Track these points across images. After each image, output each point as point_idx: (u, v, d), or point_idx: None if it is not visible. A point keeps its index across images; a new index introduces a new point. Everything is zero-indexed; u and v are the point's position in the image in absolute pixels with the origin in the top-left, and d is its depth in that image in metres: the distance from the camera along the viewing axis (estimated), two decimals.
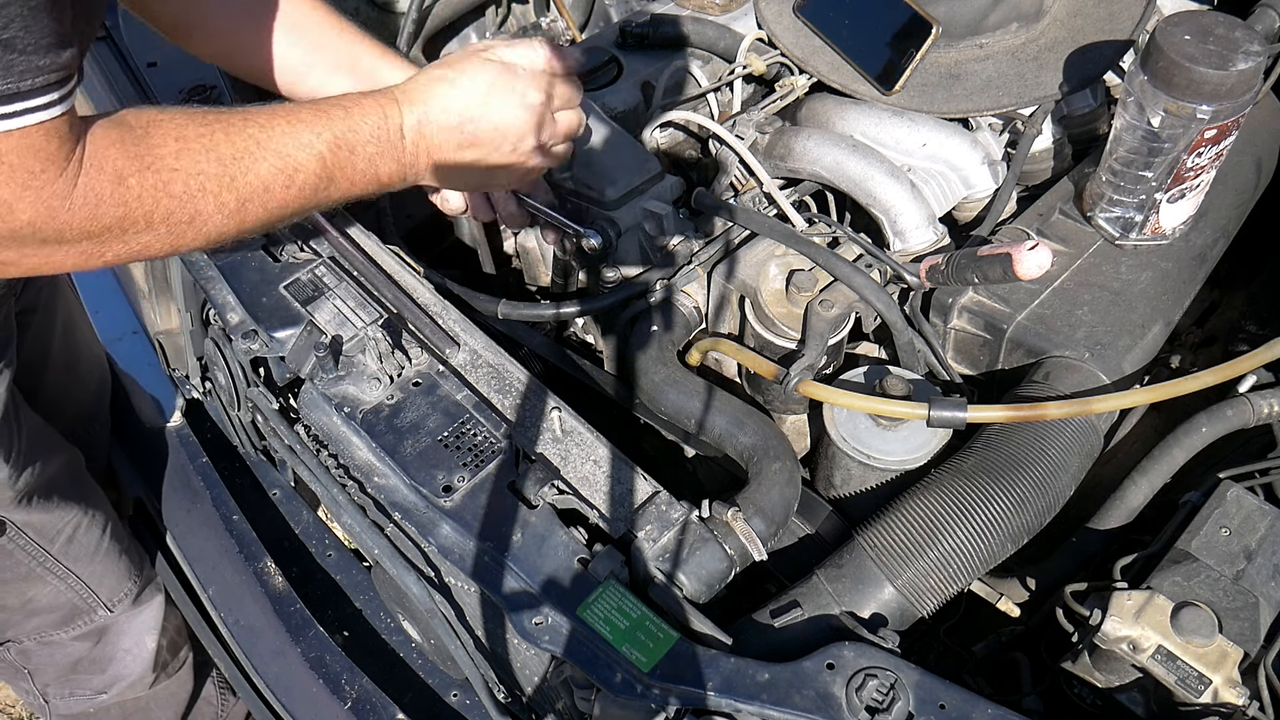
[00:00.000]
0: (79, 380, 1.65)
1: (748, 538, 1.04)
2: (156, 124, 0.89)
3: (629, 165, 1.35)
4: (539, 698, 1.13)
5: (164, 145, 0.88)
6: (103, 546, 1.45)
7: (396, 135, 1.02)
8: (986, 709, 0.90)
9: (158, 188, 0.87)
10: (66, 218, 0.83)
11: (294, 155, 0.95)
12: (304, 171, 0.95)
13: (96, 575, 1.45)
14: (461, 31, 1.83)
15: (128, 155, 0.86)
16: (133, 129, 0.88)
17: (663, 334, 1.28)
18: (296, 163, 0.95)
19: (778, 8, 1.59)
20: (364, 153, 1.00)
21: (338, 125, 0.98)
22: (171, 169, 0.88)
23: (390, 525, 1.12)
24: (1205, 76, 1.13)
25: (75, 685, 1.57)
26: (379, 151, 1.01)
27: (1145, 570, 1.04)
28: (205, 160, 0.89)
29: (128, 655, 1.57)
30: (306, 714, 1.34)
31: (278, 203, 0.95)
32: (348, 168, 0.99)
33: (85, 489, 1.45)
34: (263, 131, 0.93)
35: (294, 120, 0.96)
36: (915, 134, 1.41)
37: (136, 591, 1.53)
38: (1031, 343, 1.24)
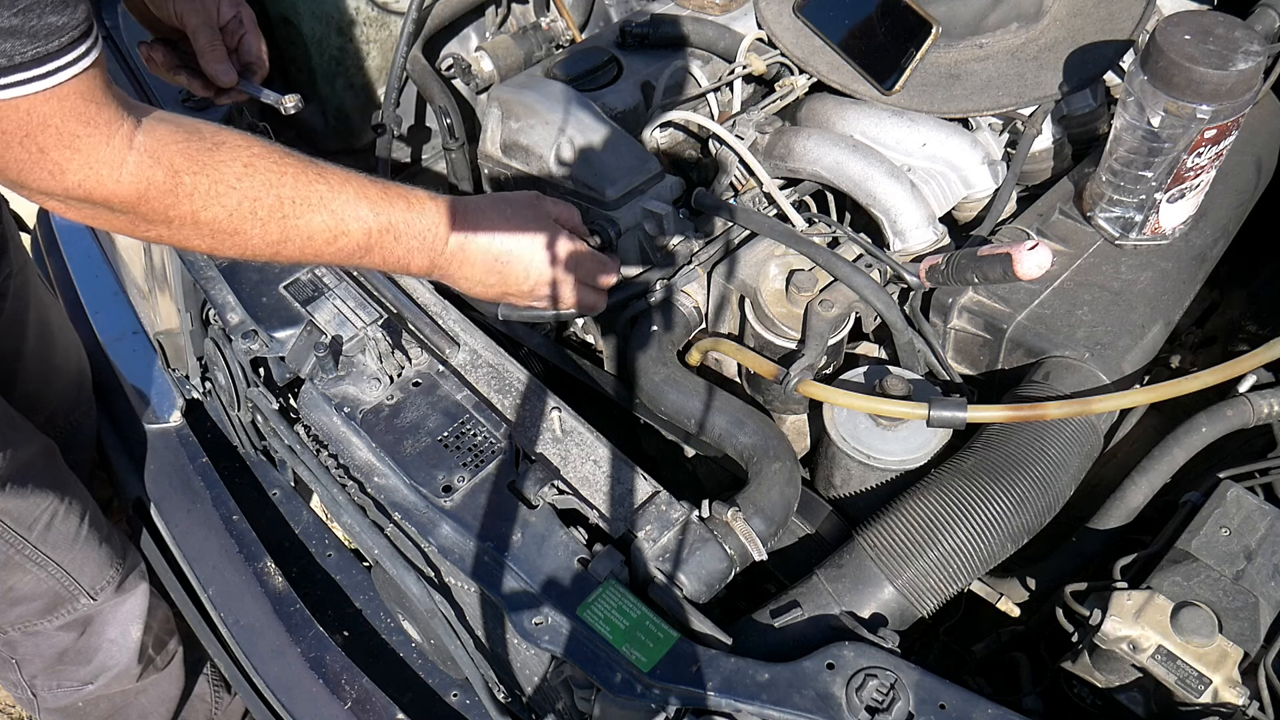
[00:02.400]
0: (56, 370, 1.66)
1: (748, 538, 1.04)
2: (230, 145, 0.95)
3: (629, 165, 1.35)
4: (539, 698, 1.13)
5: (230, 164, 0.94)
6: (82, 534, 1.45)
7: (440, 243, 1.09)
8: (986, 709, 0.90)
9: (211, 195, 0.93)
10: (114, 188, 0.88)
11: (346, 221, 1.01)
12: (349, 237, 1.02)
13: (77, 563, 1.46)
14: (461, 31, 1.83)
15: (188, 157, 0.91)
16: (203, 137, 0.93)
17: (663, 334, 1.28)
18: (346, 228, 1.01)
19: (778, 8, 1.59)
20: (406, 244, 1.06)
21: (396, 214, 1.04)
22: (230, 186, 0.94)
23: (390, 525, 1.12)
24: (1205, 76, 1.13)
25: (62, 676, 1.57)
26: (420, 247, 1.07)
27: (1145, 570, 1.04)
28: (265, 192, 0.95)
29: (113, 645, 1.57)
30: (306, 714, 1.34)
31: (314, 252, 1.02)
32: (387, 250, 1.05)
33: (62, 477, 1.46)
34: (330, 190, 1.00)
35: (360, 193, 1.02)
36: (915, 134, 1.41)
37: (119, 579, 1.53)
38: (1031, 343, 1.24)
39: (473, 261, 1.12)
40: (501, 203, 1.16)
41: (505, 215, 1.14)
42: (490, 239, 1.13)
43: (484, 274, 1.13)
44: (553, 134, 1.38)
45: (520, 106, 1.42)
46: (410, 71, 1.64)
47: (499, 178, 1.50)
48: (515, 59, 1.77)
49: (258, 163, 0.96)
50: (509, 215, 1.15)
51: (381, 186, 1.05)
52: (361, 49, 1.73)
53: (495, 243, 1.13)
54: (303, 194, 0.98)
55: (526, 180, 1.44)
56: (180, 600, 1.55)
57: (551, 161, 1.38)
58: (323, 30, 1.67)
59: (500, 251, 1.13)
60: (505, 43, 1.78)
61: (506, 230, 1.14)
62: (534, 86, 1.45)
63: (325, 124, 1.79)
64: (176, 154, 0.91)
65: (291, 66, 1.72)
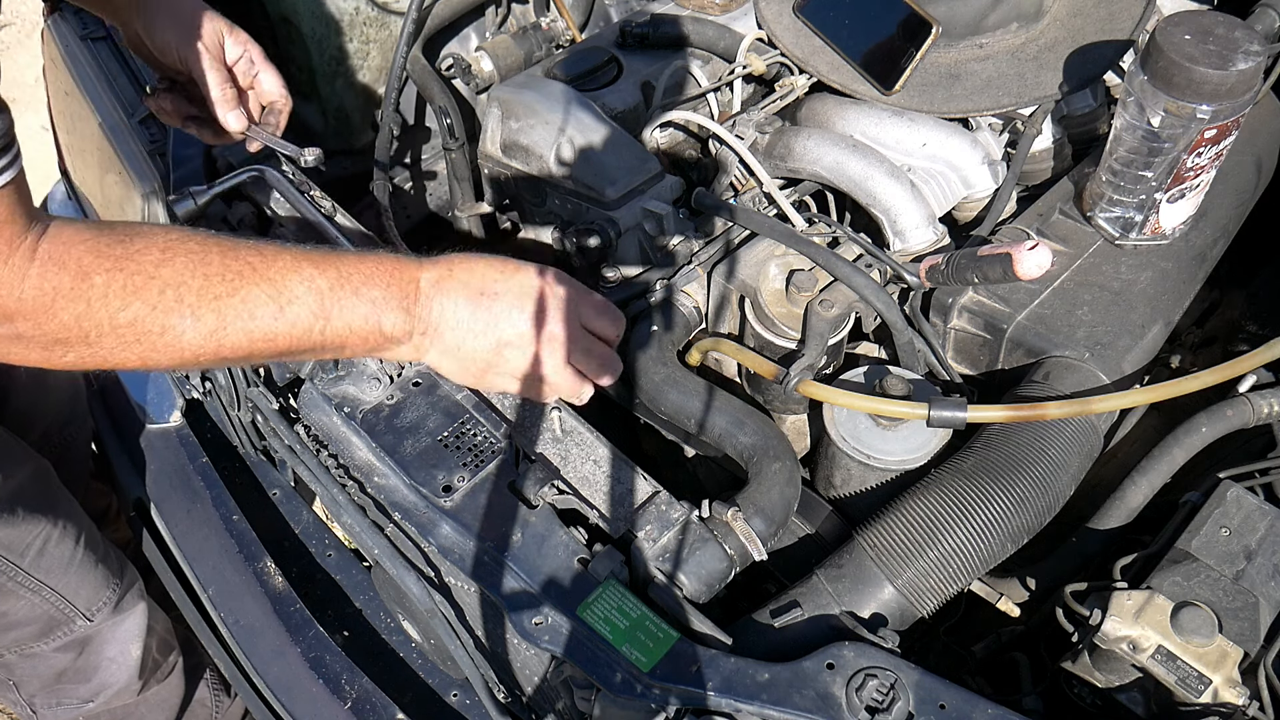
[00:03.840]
0: (50, 385, 1.64)
1: (748, 538, 1.04)
2: (146, 234, 0.86)
3: (629, 165, 1.35)
4: (539, 698, 1.13)
5: (147, 253, 0.84)
6: (77, 557, 1.43)
7: (411, 286, 0.96)
8: (986, 709, 0.90)
9: (127, 290, 0.82)
10: (15, 305, 0.79)
11: (290, 285, 0.89)
12: (298, 304, 0.89)
13: (71, 586, 1.44)
14: (461, 31, 1.83)
15: (97, 254, 0.82)
16: (114, 232, 0.84)
17: (663, 334, 1.28)
18: (292, 294, 0.89)
19: (778, 8, 1.59)
20: (368, 295, 0.93)
21: (347, 265, 0.93)
22: (149, 275, 0.83)
23: (390, 525, 1.12)
24: (1205, 76, 1.13)
25: (62, 695, 1.57)
26: (385, 298, 0.94)
27: (1145, 570, 1.04)
28: (190, 273, 0.85)
29: (113, 664, 1.56)
30: (306, 714, 1.34)
31: (263, 333, 0.89)
32: (349, 309, 0.92)
33: (55, 500, 1.44)
34: (262, 259, 0.89)
35: (300, 256, 0.91)
36: (915, 134, 1.41)
37: (116, 600, 1.52)
38: (1031, 343, 1.24)
39: (454, 299, 0.98)
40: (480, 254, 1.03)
41: (475, 255, 1.01)
42: (468, 268, 0.99)
43: (470, 319, 0.98)
44: (553, 134, 1.38)
45: (520, 106, 1.42)
46: (410, 71, 1.64)
47: (499, 178, 1.50)
48: (515, 59, 1.77)
49: (177, 246, 0.85)
50: (479, 256, 1.02)
51: (326, 249, 0.95)
52: (361, 49, 1.73)
53: (476, 271, 0.99)
54: (233, 268, 0.87)
55: (527, 180, 1.44)
56: (180, 600, 1.55)
57: (551, 161, 1.38)
58: (323, 30, 1.67)
59: (484, 283, 0.99)
60: (505, 43, 1.78)
61: (485, 263, 1.00)
62: (534, 86, 1.45)
63: (325, 124, 1.79)
64: (84, 253, 0.81)
65: (291, 66, 1.72)
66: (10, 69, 3.74)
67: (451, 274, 0.98)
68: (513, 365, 1.02)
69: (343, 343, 0.94)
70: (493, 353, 1.00)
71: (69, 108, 1.66)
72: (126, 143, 1.46)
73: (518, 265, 1.02)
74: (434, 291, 0.97)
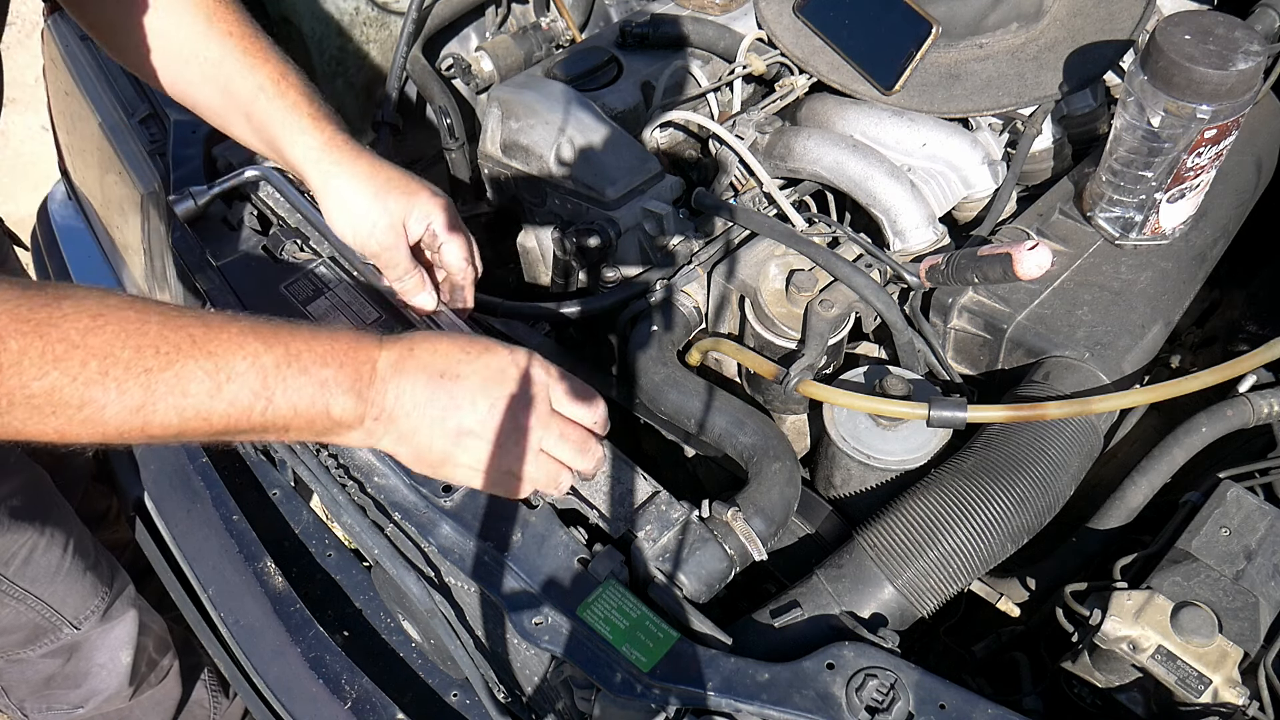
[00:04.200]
0: None
1: (748, 538, 1.04)
2: (77, 298, 0.78)
3: (629, 165, 1.35)
4: (539, 698, 1.13)
5: (74, 319, 0.76)
6: (64, 566, 1.43)
7: (367, 367, 0.88)
8: (986, 709, 0.90)
9: (46, 358, 0.74)
10: None
11: (232, 361, 0.81)
12: (238, 381, 0.81)
13: (59, 595, 1.43)
14: (461, 31, 1.83)
15: (16, 317, 0.74)
16: (42, 293, 0.77)
17: (663, 334, 1.28)
18: (232, 368, 0.81)
19: (778, 8, 1.59)
20: (317, 376, 0.85)
21: (297, 341, 0.85)
22: (73, 344, 0.75)
23: (390, 525, 1.12)
24: (1205, 76, 1.13)
25: (52, 700, 1.57)
26: (336, 378, 0.86)
27: (1145, 570, 1.04)
28: (120, 345, 0.77)
29: (103, 670, 1.56)
30: (306, 714, 1.34)
31: (197, 412, 0.81)
32: (295, 389, 0.84)
33: (45, 509, 1.43)
34: (206, 331, 0.81)
35: (248, 329, 0.83)
36: (915, 134, 1.41)
37: (104, 608, 1.51)
38: (1031, 343, 1.24)
39: (411, 382, 0.90)
40: (450, 333, 0.97)
41: (437, 336, 0.95)
42: (432, 349, 0.92)
43: (428, 402, 0.90)
44: (553, 134, 1.38)
45: (520, 106, 1.42)
46: (410, 71, 1.64)
47: (499, 178, 1.50)
48: (515, 59, 1.77)
49: (112, 314, 0.77)
50: (441, 337, 0.95)
51: (279, 322, 0.86)
52: (361, 49, 1.73)
53: (439, 352, 0.92)
54: (170, 340, 0.79)
55: (527, 180, 1.44)
56: (180, 600, 1.55)
57: (551, 161, 1.38)
58: (323, 30, 1.67)
59: (446, 364, 0.91)
60: (505, 43, 1.78)
61: (447, 343, 0.93)
62: (534, 86, 1.45)
63: None
64: (1, 314, 0.73)
65: None
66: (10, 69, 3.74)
67: (412, 353, 0.91)
68: (474, 456, 0.93)
69: (286, 424, 0.86)
70: (452, 442, 0.92)
71: (69, 108, 1.66)
72: (126, 143, 1.46)
73: (486, 345, 0.94)
74: (391, 374, 0.90)
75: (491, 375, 0.92)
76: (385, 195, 1.11)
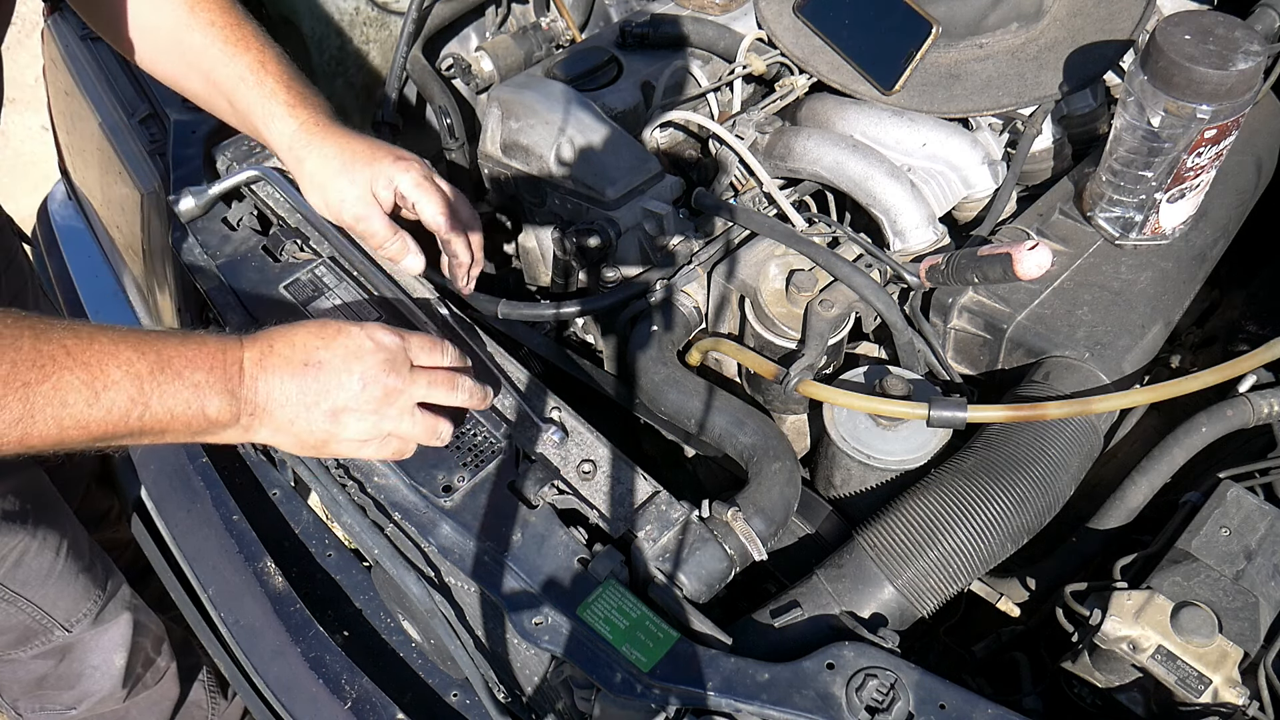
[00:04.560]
0: None
1: (748, 538, 1.04)
2: None
3: (629, 165, 1.35)
4: (539, 698, 1.13)
5: None
6: (56, 569, 1.43)
7: (235, 368, 0.93)
8: (986, 709, 0.90)
9: None
10: None
11: (107, 370, 0.85)
12: (115, 389, 0.85)
13: (50, 598, 1.43)
14: (461, 31, 1.83)
15: None
16: None
17: (663, 334, 1.28)
18: (109, 379, 0.85)
19: (778, 8, 1.59)
20: (190, 380, 0.90)
21: (168, 349, 0.89)
22: None
23: (390, 525, 1.12)
24: (1205, 76, 1.13)
25: (45, 700, 1.57)
26: (209, 381, 0.91)
27: (1145, 570, 1.04)
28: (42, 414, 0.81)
29: (96, 672, 1.56)
30: (306, 714, 1.34)
31: (75, 421, 0.84)
32: (170, 394, 0.89)
33: (39, 511, 1.42)
34: (79, 342, 0.85)
35: (118, 338, 0.87)
36: (915, 134, 1.41)
37: (96, 611, 1.51)
38: (1031, 343, 1.24)
39: (280, 376, 0.95)
40: (296, 325, 0.99)
41: (301, 325, 0.99)
42: (290, 342, 0.96)
43: (299, 392, 0.95)
44: (553, 134, 1.38)
45: (520, 106, 1.42)
46: (410, 71, 1.64)
47: (499, 178, 1.50)
48: (515, 59, 1.77)
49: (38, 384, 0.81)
50: (304, 324, 0.99)
51: (145, 331, 0.90)
52: (361, 49, 1.73)
53: (298, 344, 0.96)
54: (44, 352, 0.82)
55: (527, 180, 1.44)
56: (180, 600, 1.55)
57: (551, 161, 1.38)
58: (323, 30, 1.67)
59: (308, 352, 0.96)
60: (505, 43, 1.78)
61: (307, 331, 0.98)
62: (534, 86, 1.45)
63: None
64: None
65: None
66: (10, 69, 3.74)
67: (272, 349, 0.96)
68: (354, 430, 0.98)
69: (164, 428, 0.90)
70: (329, 422, 0.97)
71: (69, 108, 1.67)
72: (126, 143, 1.47)
73: (338, 327, 0.98)
74: (258, 371, 0.94)
75: (351, 353, 0.97)
76: (352, 168, 1.15)
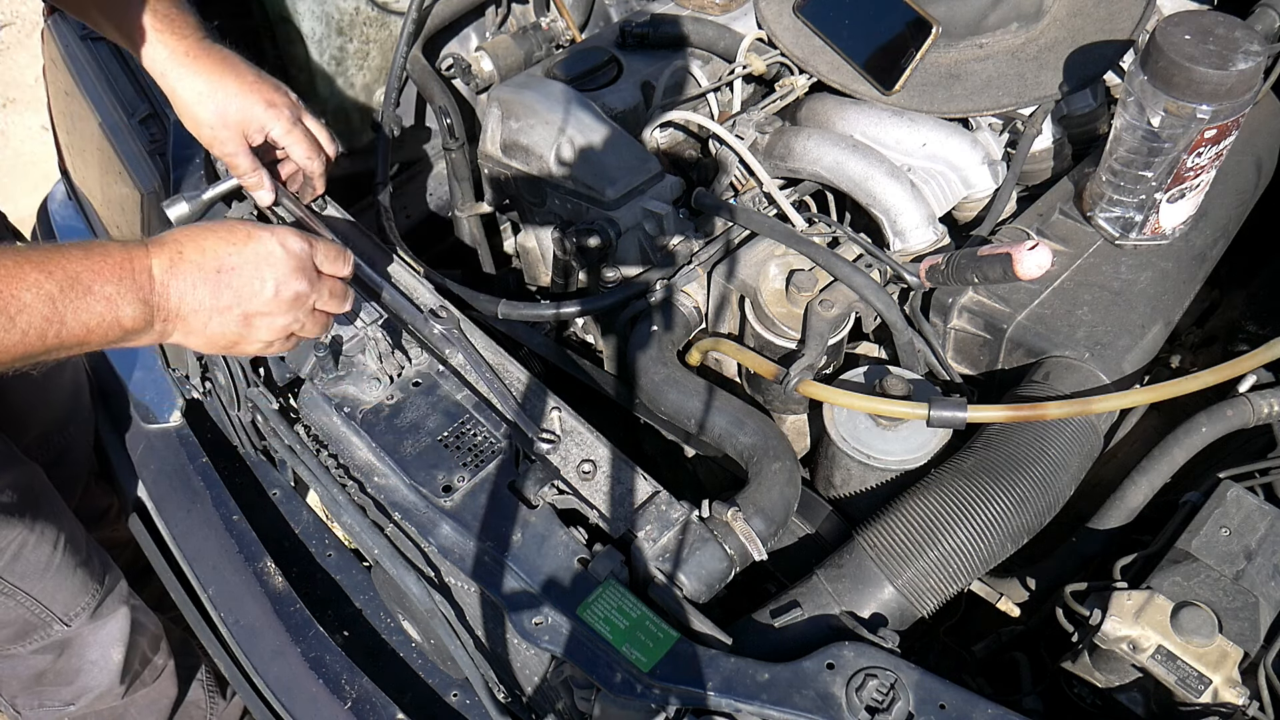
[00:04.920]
0: (49, 384, 1.63)
1: (748, 538, 1.04)
2: None
3: (629, 165, 1.35)
4: (539, 698, 1.13)
5: None
6: (54, 562, 1.43)
7: (144, 276, 0.94)
8: (986, 709, 0.90)
9: None
10: None
11: (17, 294, 0.86)
12: (28, 312, 0.87)
13: (48, 591, 1.44)
14: (461, 31, 1.83)
15: None
16: None
17: (663, 334, 1.28)
18: (21, 303, 0.86)
19: (778, 8, 1.59)
20: (101, 293, 0.91)
21: (74, 264, 0.90)
22: None
23: (390, 525, 1.12)
24: (1205, 76, 1.13)
25: (43, 696, 1.57)
26: (120, 292, 0.92)
27: (1145, 570, 1.04)
28: None
29: (94, 667, 1.56)
30: (306, 714, 1.34)
31: None
32: (84, 308, 0.90)
33: (36, 505, 1.43)
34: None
35: (22, 260, 0.88)
36: (915, 134, 1.41)
37: (94, 605, 1.51)
38: (1031, 343, 1.24)
39: (191, 281, 0.96)
40: (201, 226, 1.02)
41: (207, 228, 1.01)
42: (200, 248, 0.98)
43: (212, 298, 0.98)
44: (553, 134, 1.38)
45: (520, 106, 1.42)
46: (410, 71, 1.64)
47: (499, 177, 1.50)
48: (515, 59, 1.77)
49: None
50: (211, 228, 1.01)
51: (48, 248, 0.91)
52: (361, 49, 1.73)
53: (208, 250, 0.98)
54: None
55: (527, 180, 1.44)
56: (180, 600, 1.55)
57: (551, 161, 1.38)
58: (323, 30, 1.67)
59: (220, 259, 0.98)
60: (505, 43, 1.78)
61: (216, 236, 0.99)
62: (534, 86, 1.45)
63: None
64: None
65: (291, 67, 1.72)
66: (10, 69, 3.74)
67: (182, 255, 0.97)
68: (262, 333, 1.03)
69: (81, 341, 0.92)
70: (240, 325, 1.01)
71: (69, 108, 1.67)
72: (126, 143, 1.46)
73: (248, 232, 1.01)
74: (168, 277, 0.96)
75: (263, 258, 1.00)
76: (225, 107, 1.20)
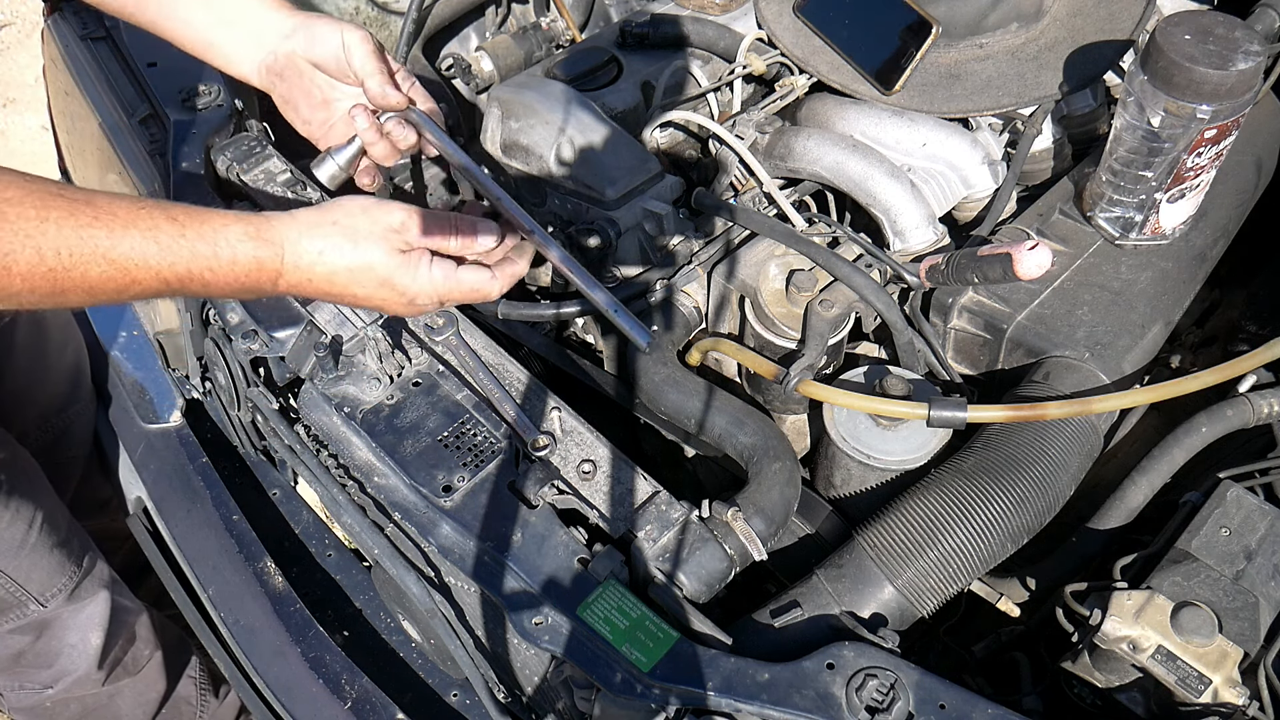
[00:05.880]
0: (49, 365, 1.64)
1: (748, 538, 1.04)
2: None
3: (629, 165, 1.35)
4: (539, 698, 1.13)
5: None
6: (29, 542, 1.43)
7: (269, 285, 0.95)
8: (986, 709, 0.90)
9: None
10: None
11: (133, 271, 0.86)
12: (141, 285, 0.87)
13: (23, 570, 1.44)
14: (461, 31, 1.83)
15: None
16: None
17: (663, 334, 1.28)
18: (134, 276, 0.87)
19: (778, 8, 1.59)
20: (220, 287, 0.92)
21: (199, 260, 0.89)
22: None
23: (390, 525, 1.12)
24: (1205, 76, 1.13)
25: (23, 678, 1.57)
26: (243, 290, 0.94)
27: (1145, 570, 1.04)
28: (21, 245, 0.80)
29: (73, 650, 1.56)
30: (306, 714, 1.34)
31: (107, 298, 0.87)
32: (198, 289, 0.91)
33: (11, 483, 1.43)
34: (109, 236, 0.84)
35: (149, 236, 0.87)
36: (915, 134, 1.41)
37: (72, 587, 1.52)
38: (1031, 343, 1.24)
39: (311, 289, 0.97)
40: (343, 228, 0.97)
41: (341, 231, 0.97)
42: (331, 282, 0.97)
43: (325, 297, 0.99)
44: (553, 134, 1.38)
45: (520, 106, 1.42)
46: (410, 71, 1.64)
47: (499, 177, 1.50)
48: (515, 59, 1.77)
49: (9, 210, 0.80)
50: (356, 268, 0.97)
51: (178, 227, 0.89)
52: None
53: (341, 288, 0.97)
54: (69, 244, 0.82)
55: (527, 180, 1.44)
56: (180, 600, 1.55)
57: (551, 161, 1.38)
58: None
59: (355, 294, 0.98)
60: (505, 43, 1.78)
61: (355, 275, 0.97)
62: (534, 86, 1.45)
63: None
64: None
65: None
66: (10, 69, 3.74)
67: (311, 284, 0.97)
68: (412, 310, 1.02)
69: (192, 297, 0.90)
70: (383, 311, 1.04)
71: (69, 108, 1.66)
72: (126, 143, 1.46)
73: (380, 279, 0.97)
74: (291, 287, 0.97)
75: (387, 305, 1.00)
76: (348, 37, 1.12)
